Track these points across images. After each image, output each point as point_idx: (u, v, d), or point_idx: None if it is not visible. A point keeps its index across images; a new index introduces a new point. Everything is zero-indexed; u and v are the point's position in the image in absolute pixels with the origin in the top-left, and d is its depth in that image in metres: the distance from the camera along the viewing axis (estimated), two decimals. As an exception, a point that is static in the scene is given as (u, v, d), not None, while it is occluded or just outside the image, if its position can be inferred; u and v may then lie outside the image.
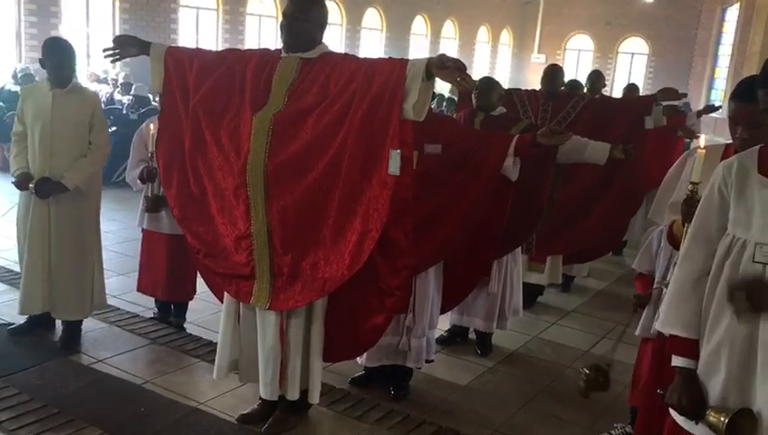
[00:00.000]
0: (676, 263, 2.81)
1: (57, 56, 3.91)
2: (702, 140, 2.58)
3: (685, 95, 5.53)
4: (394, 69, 2.84)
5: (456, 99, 8.27)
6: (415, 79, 2.78)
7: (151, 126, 4.08)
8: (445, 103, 10.76)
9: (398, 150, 2.81)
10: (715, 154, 2.53)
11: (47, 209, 3.96)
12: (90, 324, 4.35)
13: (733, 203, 1.94)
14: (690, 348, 2.01)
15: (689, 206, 2.36)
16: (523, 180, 3.78)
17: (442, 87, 11.29)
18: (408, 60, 2.87)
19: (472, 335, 4.64)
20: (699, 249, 2.02)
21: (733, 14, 20.56)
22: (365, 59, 3.07)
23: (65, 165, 3.90)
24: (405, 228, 3.01)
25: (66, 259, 4.01)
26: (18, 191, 4.04)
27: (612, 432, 3.55)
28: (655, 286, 3.10)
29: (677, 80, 20.61)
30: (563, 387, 4.19)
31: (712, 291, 1.96)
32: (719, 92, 20.63)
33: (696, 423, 1.96)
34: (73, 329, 4.18)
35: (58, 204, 3.95)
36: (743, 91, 2.37)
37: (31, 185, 3.89)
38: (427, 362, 3.90)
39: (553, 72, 5.18)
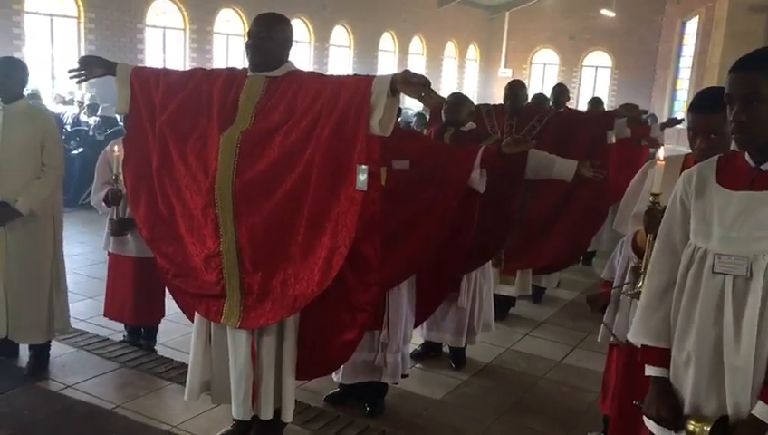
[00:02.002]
0: (631, 268, 2.90)
1: (1, 67, 3.85)
2: (661, 152, 2.63)
3: (645, 112, 5.67)
4: (359, 86, 2.86)
5: (426, 115, 8.33)
6: (380, 95, 2.81)
7: (115, 148, 4.03)
8: (414, 119, 10.82)
9: (366, 166, 2.83)
10: (675, 165, 2.58)
11: (3, 233, 3.85)
12: (58, 349, 4.28)
13: (693, 213, 1.97)
14: (662, 357, 2.04)
15: (651, 217, 2.40)
16: (492, 194, 3.82)
17: (412, 103, 11.37)
18: (373, 76, 2.90)
19: (446, 349, 4.65)
20: (665, 260, 2.05)
21: (692, 27, 21.03)
22: (331, 76, 3.09)
23: (17, 188, 3.79)
24: (374, 244, 3.02)
25: (20, 283, 3.91)
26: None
27: (586, 442, 3.58)
28: (613, 289, 3.17)
29: (640, 92, 21.05)
30: (537, 398, 4.22)
31: (678, 301, 1.98)
32: (681, 103, 21.03)
33: (676, 432, 1.97)
34: (41, 354, 4.09)
35: (12, 228, 3.85)
36: (700, 103, 2.44)
37: None
38: (402, 377, 3.90)
39: (514, 90, 5.22)
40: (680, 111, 19.95)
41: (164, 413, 3.68)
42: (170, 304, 3.85)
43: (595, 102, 7.89)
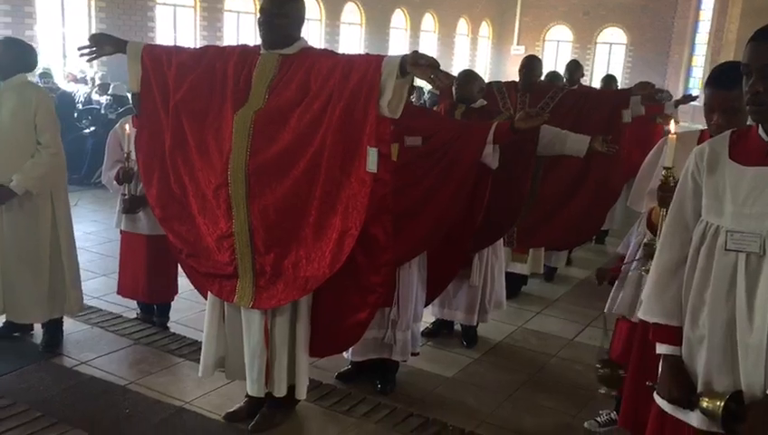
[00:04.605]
0: (643, 244, 2.88)
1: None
2: (672, 126, 2.59)
3: (661, 90, 5.59)
4: (369, 66, 2.83)
5: (437, 93, 8.27)
6: (389, 77, 2.78)
7: (126, 126, 4.02)
8: (427, 96, 10.75)
9: (376, 148, 2.81)
10: (690, 140, 2.55)
11: (0, 214, 3.86)
12: (72, 326, 4.32)
13: (705, 189, 1.94)
14: (674, 335, 2.02)
15: (664, 191, 2.37)
16: (504, 171, 3.79)
17: (423, 82, 11.27)
18: (383, 57, 2.86)
19: (457, 327, 4.66)
20: (676, 237, 2.02)
21: (709, 2, 20.71)
22: (343, 55, 3.05)
23: (13, 167, 3.75)
24: (385, 225, 3.01)
25: (16, 263, 3.90)
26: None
27: (598, 419, 3.58)
28: (624, 264, 3.16)
29: (655, 69, 20.82)
30: (549, 376, 4.22)
31: (690, 278, 1.96)
32: (696, 80, 20.80)
33: (692, 410, 1.96)
34: (54, 331, 4.13)
35: (9, 209, 3.84)
36: (718, 78, 2.39)
37: None
38: (412, 354, 3.91)
39: (530, 64, 5.17)
40: (696, 87, 19.72)
41: (177, 389, 3.72)
42: (183, 282, 3.87)
43: (608, 80, 7.79)
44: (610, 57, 23.89)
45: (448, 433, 3.41)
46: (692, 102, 7.99)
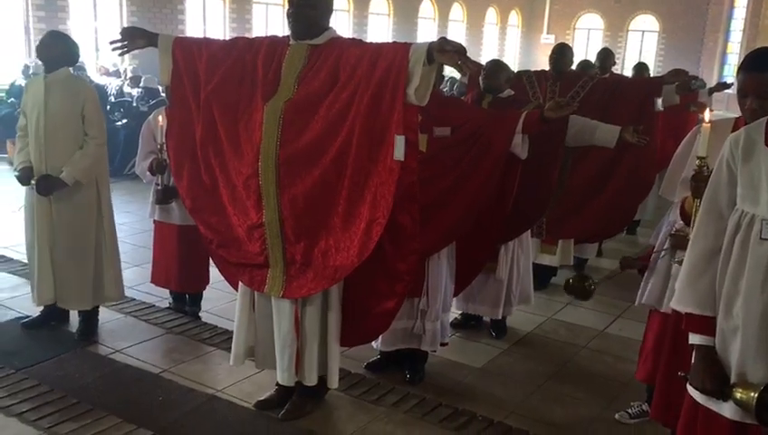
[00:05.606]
0: (670, 234, 2.85)
1: (42, 39, 3.98)
2: (707, 115, 2.54)
3: (695, 77, 5.47)
4: (397, 54, 2.84)
5: (465, 82, 8.22)
6: (416, 64, 2.78)
7: (159, 117, 4.07)
8: (456, 86, 10.69)
9: (403, 136, 2.82)
10: (724, 128, 2.50)
11: (48, 204, 3.98)
12: (106, 315, 4.40)
13: (740, 177, 1.91)
14: (707, 325, 2.00)
15: (698, 181, 2.34)
16: (532, 162, 3.76)
17: (451, 70, 11.21)
18: (410, 45, 2.86)
19: (486, 318, 4.64)
20: (710, 226, 2.00)
21: (745, -12, 20.30)
22: (370, 44, 3.06)
23: (61, 157, 3.89)
24: (412, 213, 3.01)
25: (65, 252, 4.02)
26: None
27: (629, 411, 3.55)
28: (653, 254, 3.13)
29: (689, 57, 20.44)
30: (579, 367, 4.20)
31: (724, 268, 1.94)
32: (731, 68, 20.40)
33: (725, 401, 1.95)
34: (90, 320, 4.22)
35: (58, 198, 3.96)
36: (752, 62, 2.32)
37: (32, 181, 3.92)
38: (441, 345, 3.91)
39: (561, 51, 5.12)
40: (730, 75, 19.34)
41: (209, 378, 3.77)
42: (215, 272, 3.91)
43: (640, 68, 7.65)
44: (642, 45, 23.50)
45: (477, 423, 3.41)
46: (726, 90, 7.83)
